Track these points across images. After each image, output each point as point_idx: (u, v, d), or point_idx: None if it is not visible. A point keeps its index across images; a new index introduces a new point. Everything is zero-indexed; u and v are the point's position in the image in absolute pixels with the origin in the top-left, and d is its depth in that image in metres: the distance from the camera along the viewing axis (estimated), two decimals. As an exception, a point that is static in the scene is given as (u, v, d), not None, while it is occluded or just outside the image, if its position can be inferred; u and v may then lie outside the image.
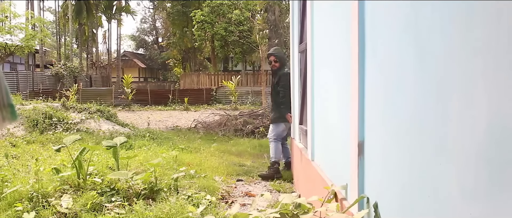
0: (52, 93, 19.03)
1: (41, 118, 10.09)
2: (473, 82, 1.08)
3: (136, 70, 41.56)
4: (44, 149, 7.74)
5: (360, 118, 2.10)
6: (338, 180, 2.65)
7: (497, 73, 0.98)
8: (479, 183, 1.08)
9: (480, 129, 1.06)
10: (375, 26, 1.93)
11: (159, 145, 8.64)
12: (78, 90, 19.30)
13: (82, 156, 4.70)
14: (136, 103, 22.89)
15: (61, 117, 10.48)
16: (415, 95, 1.48)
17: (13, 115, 1.42)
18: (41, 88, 24.10)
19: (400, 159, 1.64)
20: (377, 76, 1.90)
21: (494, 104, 1.00)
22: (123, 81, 25.04)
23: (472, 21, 1.09)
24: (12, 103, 1.41)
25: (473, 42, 1.08)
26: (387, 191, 1.80)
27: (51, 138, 9.04)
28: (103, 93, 23.61)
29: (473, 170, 1.10)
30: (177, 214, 3.55)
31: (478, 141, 1.07)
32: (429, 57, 1.35)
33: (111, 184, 4.32)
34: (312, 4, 3.72)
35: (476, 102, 1.07)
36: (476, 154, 1.08)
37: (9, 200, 3.90)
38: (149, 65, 45.33)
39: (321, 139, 3.39)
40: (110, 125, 11.20)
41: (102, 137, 9.18)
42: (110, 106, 16.92)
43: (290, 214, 2.16)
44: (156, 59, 43.76)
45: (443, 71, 1.25)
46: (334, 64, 2.85)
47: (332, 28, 2.92)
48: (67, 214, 3.71)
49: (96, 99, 18.59)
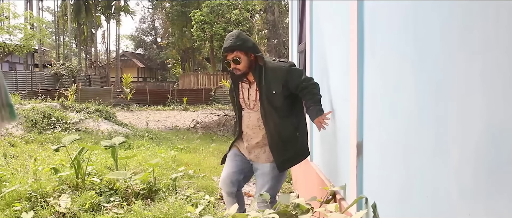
0: (50, 93, 19.00)
1: (39, 117, 10.07)
2: (472, 83, 1.09)
3: (135, 70, 41.51)
4: (42, 149, 7.73)
5: (359, 119, 2.10)
6: (337, 180, 2.65)
7: (496, 73, 0.98)
8: (477, 184, 1.08)
9: (479, 129, 1.06)
10: (374, 27, 1.93)
11: (158, 145, 8.64)
12: (77, 90, 19.26)
13: (81, 156, 4.70)
14: (135, 103, 22.86)
15: (60, 117, 10.47)
16: (414, 96, 1.48)
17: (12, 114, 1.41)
18: (39, 87, 24.05)
19: (399, 159, 1.64)
20: (376, 76, 1.91)
21: (493, 104, 1.00)
22: (122, 80, 25.01)
23: (471, 21, 1.09)
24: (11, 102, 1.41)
25: (472, 43, 1.08)
26: (386, 192, 1.80)
27: (50, 138, 9.03)
28: (102, 93, 23.57)
29: (471, 170, 1.10)
30: (175, 214, 3.55)
31: (477, 142, 1.07)
32: (428, 58, 1.36)
33: (110, 184, 4.32)
34: (312, 4, 3.72)
35: (475, 102, 1.07)
36: (475, 154, 1.08)
37: (8, 200, 3.89)
38: (148, 65, 45.31)
39: (320, 140, 3.39)
40: (109, 125, 11.19)
41: (101, 137, 9.17)
42: (109, 106, 16.90)
43: (289, 214, 2.15)
44: (155, 59, 43.74)
45: (442, 72, 1.25)
46: (333, 64, 2.85)
47: (331, 28, 2.92)
48: (66, 214, 3.70)
49: (95, 99, 18.55)
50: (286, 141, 2.74)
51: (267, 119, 2.71)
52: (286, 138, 2.74)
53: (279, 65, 2.76)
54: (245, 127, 2.84)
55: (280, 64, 2.76)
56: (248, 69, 2.72)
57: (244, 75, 2.74)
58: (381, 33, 1.84)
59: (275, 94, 2.68)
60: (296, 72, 2.74)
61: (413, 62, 1.48)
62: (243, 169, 2.91)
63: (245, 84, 2.84)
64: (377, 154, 1.92)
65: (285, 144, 2.74)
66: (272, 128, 2.72)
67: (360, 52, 2.07)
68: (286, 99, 2.73)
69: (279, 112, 2.71)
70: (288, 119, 2.75)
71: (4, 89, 1.38)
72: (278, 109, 2.70)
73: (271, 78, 2.69)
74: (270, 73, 2.70)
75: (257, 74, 2.72)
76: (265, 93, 2.69)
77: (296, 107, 2.82)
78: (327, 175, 3.03)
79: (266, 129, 2.74)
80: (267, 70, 2.71)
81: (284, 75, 2.69)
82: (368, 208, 1.91)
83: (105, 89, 25.55)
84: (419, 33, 1.43)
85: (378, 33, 1.88)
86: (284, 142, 2.74)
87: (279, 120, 2.70)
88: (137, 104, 22.87)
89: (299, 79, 2.69)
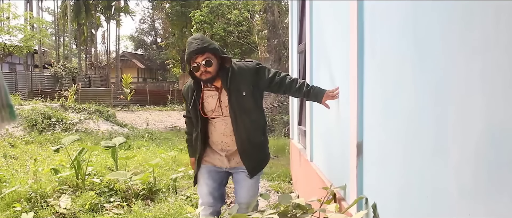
0: (51, 94, 19.00)
1: (39, 118, 10.08)
2: (472, 82, 1.08)
3: (135, 71, 41.50)
4: (42, 149, 7.73)
5: (359, 119, 2.10)
6: (337, 180, 2.65)
7: (496, 73, 0.98)
8: (477, 184, 1.08)
9: (479, 129, 1.06)
10: (374, 27, 1.93)
11: (158, 145, 8.64)
12: (77, 91, 19.27)
13: (81, 156, 4.70)
14: (135, 103, 22.87)
15: (60, 117, 10.47)
16: (414, 96, 1.48)
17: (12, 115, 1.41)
18: (39, 88, 24.06)
19: (399, 159, 1.64)
20: (376, 76, 1.91)
21: (493, 104, 1.00)
22: (122, 81, 25.00)
23: (471, 21, 1.09)
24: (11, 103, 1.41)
25: (472, 43, 1.08)
26: (386, 192, 1.80)
27: (50, 139, 9.04)
28: (102, 93, 23.57)
29: (471, 170, 1.10)
30: (175, 215, 3.55)
31: (477, 142, 1.07)
32: (428, 58, 1.36)
33: (110, 184, 4.32)
34: (311, 4, 3.72)
35: (475, 102, 1.07)
36: (475, 154, 1.08)
37: (8, 201, 3.90)
38: (148, 65, 45.29)
39: (320, 140, 3.39)
40: (109, 125, 11.20)
41: (101, 138, 9.18)
42: (109, 106, 16.91)
43: (289, 214, 2.15)
44: (155, 59, 43.71)
45: (442, 72, 1.25)
46: (333, 64, 2.85)
47: (331, 28, 2.92)
48: (66, 214, 3.71)
49: (95, 99, 18.56)
50: (255, 146, 2.66)
51: (238, 123, 2.58)
52: (256, 142, 2.66)
53: (246, 65, 2.65)
54: (220, 136, 2.66)
55: (247, 64, 2.66)
56: (217, 72, 2.56)
57: (214, 79, 2.57)
58: (381, 33, 1.84)
59: (245, 96, 2.58)
60: (264, 70, 2.66)
61: (413, 62, 1.48)
62: (222, 182, 2.78)
63: (211, 91, 2.65)
64: (377, 154, 1.92)
65: (254, 148, 2.65)
66: (242, 132, 2.59)
67: (360, 52, 2.07)
68: (254, 101, 2.64)
69: (249, 115, 2.61)
70: (256, 122, 2.67)
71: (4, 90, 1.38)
72: (248, 112, 2.60)
73: (240, 80, 2.58)
74: (238, 74, 2.58)
75: (224, 77, 2.56)
76: (235, 96, 2.56)
77: (261, 109, 2.74)
78: (327, 175, 3.03)
79: (236, 134, 2.60)
80: (234, 71, 2.58)
81: (252, 75, 2.61)
82: (368, 208, 1.91)
83: (105, 89, 25.55)
84: (419, 33, 1.43)
85: (378, 33, 1.88)
86: (254, 146, 2.65)
87: (249, 124, 2.60)
88: (137, 105, 22.89)
89: (269, 74, 2.63)
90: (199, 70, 2.53)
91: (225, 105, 2.61)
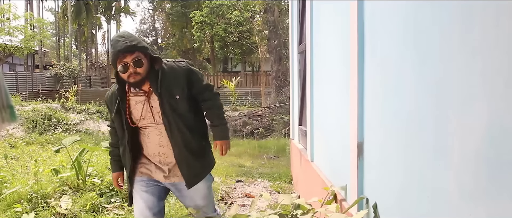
0: (51, 94, 19.00)
1: (40, 119, 10.09)
2: (472, 83, 1.09)
3: (136, 71, 41.45)
4: (43, 150, 7.74)
5: (360, 119, 2.10)
6: (337, 181, 2.65)
7: (496, 73, 0.98)
8: (478, 184, 1.08)
9: (479, 130, 1.06)
10: (374, 27, 1.93)
11: (159, 146, 8.63)
12: (78, 91, 19.26)
13: (82, 157, 4.70)
14: (135, 104, 22.81)
15: (61, 118, 10.48)
16: (414, 96, 1.48)
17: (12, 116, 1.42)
18: (40, 89, 24.07)
19: (400, 159, 1.64)
20: (377, 76, 1.91)
21: (493, 105, 1.00)
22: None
23: (471, 22, 1.09)
24: (11, 104, 1.41)
25: (472, 43, 1.08)
26: (386, 192, 1.80)
27: (50, 139, 9.04)
28: (103, 94, 23.37)
29: (472, 171, 1.10)
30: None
31: (477, 142, 1.07)
32: (428, 58, 1.36)
33: (111, 185, 4.32)
34: (312, 4, 3.72)
35: (475, 103, 1.07)
36: (475, 155, 1.08)
37: (8, 201, 3.90)
38: (148, 66, 45.25)
39: (321, 140, 3.39)
40: (110, 126, 11.20)
41: (102, 138, 9.18)
42: (110, 107, 16.86)
43: (290, 215, 2.15)
44: (155, 60, 43.68)
45: (442, 72, 1.25)
46: (334, 64, 2.85)
47: (332, 28, 2.92)
48: (66, 215, 3.71)
49: (96, 100, 18.54)
50: (195, 152, 2.35)
51: (172, 130, 2.27)
52: (195, 149, 2.36)
53: (178, 65, 2.35)
54: (156, 147, 2.34)
55: (178, 64, 2.37)
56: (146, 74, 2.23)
57: (143, 82, 2.24)
58: (381, 33, 1.84)
59: (179, 100, 2.27)
60: (197, 74, 2.40)
61: (413, 62, 1.48)
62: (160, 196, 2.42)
63: (139, 96, 2.32)
64: (378, 155, 1.92)
65: (194, 155, 2.34)
66: (179, 140, 2.28)
67: (360, 52, 2.07)
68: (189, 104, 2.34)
69: (184, 120, 2.30)
70: (194, 127, 2.36)
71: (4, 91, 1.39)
72: (183, 117, 2.29)
73: (172, 82, 2.27)
74: (169, 76, 2.27)
75: (154, 80, 2.25)
76: (167, 100, 2.25)
77: (199, 112, 2.45)
78: (328, 175, 3.03)
79: (172, 142, 2.29)
80: (165, 73, 2.27)
81: (185, 77, 2.32)
82: (368, 209, 1.91)
83: (105, 90, 25.47)
84: (419, 33, 1.43)
85: (378, 33, 1.88)
86: (194, 153, 2.34)
87: (186, 130, 2.29)
88: (137, 105, 22.81)
89: (202, 83, 2.39)
90: (127, 71, 2.20)
91: (157, 111, 2.30)
